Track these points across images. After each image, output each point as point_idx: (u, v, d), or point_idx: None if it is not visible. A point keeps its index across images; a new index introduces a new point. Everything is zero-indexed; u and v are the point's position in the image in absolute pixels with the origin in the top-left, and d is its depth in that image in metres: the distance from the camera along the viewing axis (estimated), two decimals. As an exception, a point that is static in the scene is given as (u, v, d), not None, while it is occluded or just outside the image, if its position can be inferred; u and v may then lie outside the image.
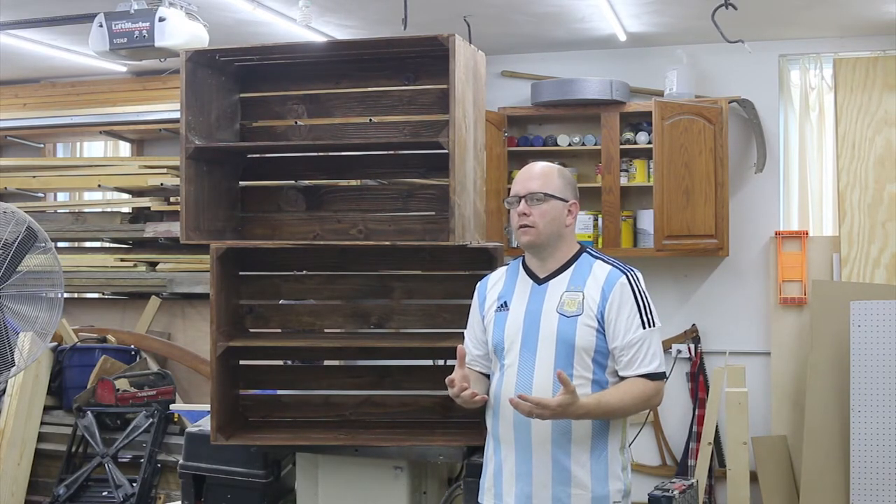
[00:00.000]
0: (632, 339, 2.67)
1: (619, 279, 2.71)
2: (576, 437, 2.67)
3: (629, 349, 2.67)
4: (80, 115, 6.28)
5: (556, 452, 2.67)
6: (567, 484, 2.67)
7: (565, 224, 2.77)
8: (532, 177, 2.76)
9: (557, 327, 2.69)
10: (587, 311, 2.68)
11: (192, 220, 3.37)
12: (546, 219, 2.73)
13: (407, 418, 3.63)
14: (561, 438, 2.66)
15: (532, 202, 2.73)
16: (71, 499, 5.19)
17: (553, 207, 2.74)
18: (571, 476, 2.67)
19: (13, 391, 5.31)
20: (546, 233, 2.74)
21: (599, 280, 2.71)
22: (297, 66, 3.66)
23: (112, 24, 4.43)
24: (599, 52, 5.95)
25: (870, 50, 5.60)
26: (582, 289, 2.71)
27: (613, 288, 2.69)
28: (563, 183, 2.78)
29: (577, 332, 2.67)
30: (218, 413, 3.41)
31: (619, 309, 2.68)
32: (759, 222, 5.79)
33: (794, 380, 5.62)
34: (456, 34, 3.18)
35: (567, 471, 2.67)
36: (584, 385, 2.66)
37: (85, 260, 6.18)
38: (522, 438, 2.70)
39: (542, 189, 2.73)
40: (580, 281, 2.73)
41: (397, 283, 3.63)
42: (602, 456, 2.69)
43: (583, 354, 2.67)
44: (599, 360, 2.69)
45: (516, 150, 5.92)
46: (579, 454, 2.67)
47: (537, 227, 2.72)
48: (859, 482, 4.84)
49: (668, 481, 4.75)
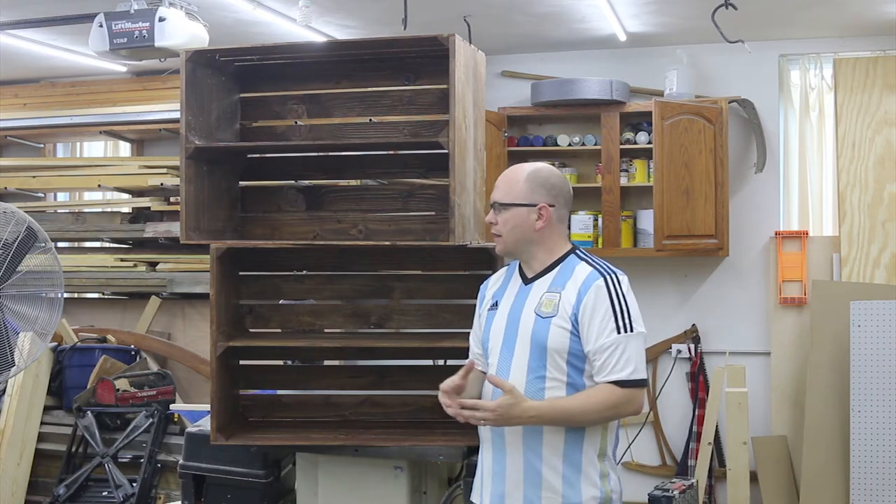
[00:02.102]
0: (604, 343, 2.59)
1: (596, 281, 2.64)
2: (547, 441, 2.63)
3: (601, 353, 2.60)
4: (80, 115, 6.28)
5: (527, 454, 2.65)
6: (538, 486, 2.64)
7: (534, 229, 2.72)
8: (498, 185, 2.77)
9: (532, 328, 2.67)
10: (562, 312, 2.64)
11: (192, 220, 3.37)
12: (508, 227, 2.72)
13: (407, 418, 3.63)
14: (532, 440, 2.64)
15: (497, 210, 2.74)
16: (71, 499, 5.19)
17: (515, 215, 2.71)
18: (542, 479, 2.64)
19: (13, 391, 5.31)
20: (511, 240, 2.74)
21: (578, 281, 2.67)
22: (297, 66, 3.66)
23: (112, 24, 4.43)
24: (599, 52, 5.95)
25: (870, 50, 5.60)
26: (561, 290, 2.68)
27: (589, 290, 2.63)
28: (528, 187, 2.72)
29: (549, 333, 2.64)
30: (218, 413, 3.41)
31: (592, 312, 2.62)
32: (759, 222, 5.80)
33: (794, 380, 5.62)
34: (456, 34, 3.18)
35: (538, 473, 2.64)
36: (559, 387, 2.63)
37: (85, 260, 6.18)
38: (497, 438, 2.70)
39: (502, 199, 2.73)
40: (561, 282, 2.70)
41: (397, 283, 3.63)
42: (575, 461, 2.64)
43: (555, 356, 2.63)
44: (574, 363, 2.64)
45: (516, 150, 5.92)
46: (551, 458, 2.63)
47: (502, 235, 2.74)
48: (859, 482, 4.84)
49: (668, 481, 4.75)
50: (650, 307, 5.92)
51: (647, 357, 5.90)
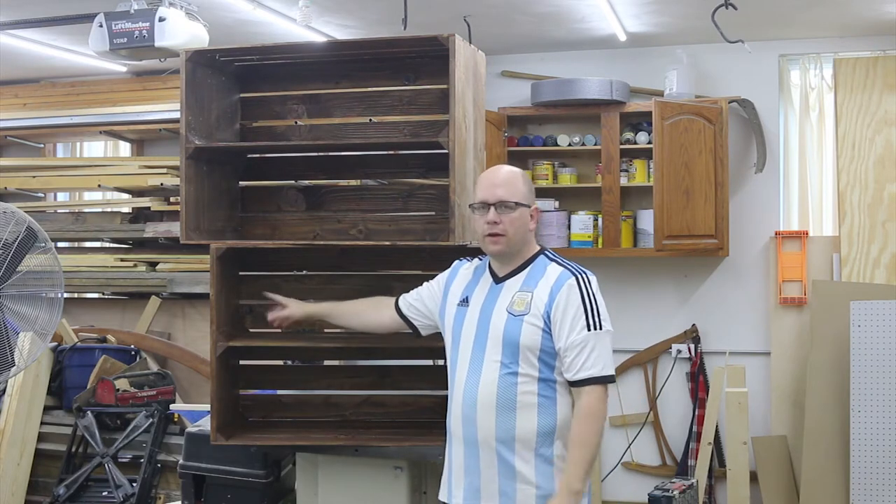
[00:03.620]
0: (575, 339, 2.67)
1: (568, 280, 2.72)
2: (520, 435, 2.70)
3: (572, 350, 2.68)
4: (80, 115, 6.28)
5: (500, 448, 2.71)
6: (513, 479, 2.70)
7: (529, 229, 2.81)
8: (499, 183, 2.78)
9: (504, 326, 2.73)
10: (534, 310, 2.71)
11: (192, 220, 3.37)
12: (515, 226, 2.77)
13: (407, 418, 3.63)
14: (505, 435, 2.70)
15: (502, 210, 2.75)
16: (71, 499, 5.19)
17: (521, 215, 2.78)
18: (516, 472, 2.70)
19: (13, 391, 5.31)
20: (515, 240, 2.78)
21: (550, 281, 2.74)
22: (297, 66, 3.66)
23: (112, 24, 4.44)
24: (599, 52, 5.95)
25: (870, 50, 5.60)
26: (532, 289, 2.74)
27: (561, 288, 2.71)
28: (527, 189, 2.81)
29: (521, 330, 2.70)
30: (218, 413, 3.41)
31: (564, 309, 2.69)
32: (759, 222, 5.79)
33: (794, 380, 5.62)
34: (456, 34, 3.18)
35: (512, 467, 2.70)
36: (530, 382, 2.70)
37: (85, 260, 6.18)
38: (469, 434, 2.75)
39: (511, 197, 2.76)
40: (533, 282, 2.76)
41: (397, 283, 3.62)
42: (548, 454, 2.71)
43: (527, 353, 2.70)
44: (546, 360, 2.71)
45: (516, 150, 5.92)
46: (523, 451, 2.70)
47: (507, 235, 2.76)
48: (859, 482, 4.84)
49: (668, 481, 4.76)
50: (650, 307, 5.94)
51: (647, 357, 5.95)
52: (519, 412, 2.70)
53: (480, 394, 2.73)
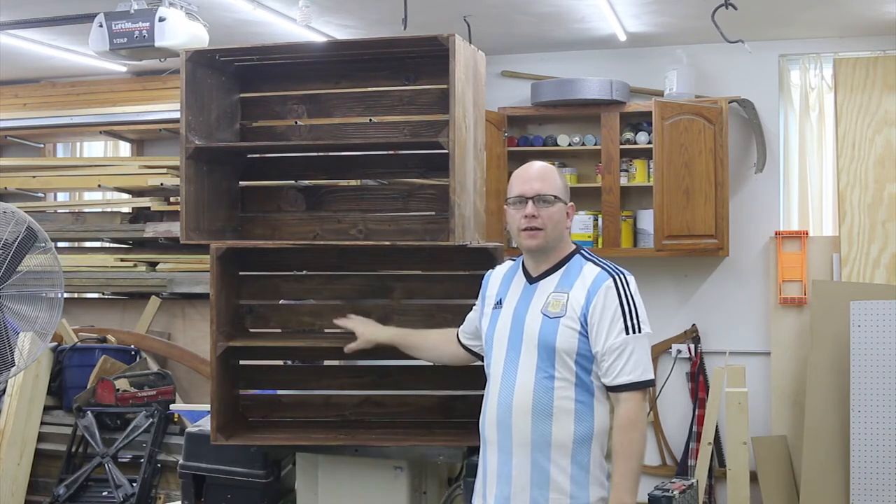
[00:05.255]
0: (613, 343, 2.60)
1: (606, 281, 2.65)
2: (556, 441, 2.62)
3: (610, 354, 2.60)
4: (80, 115, 6.28)
5: (535, 455, 2.63)
6: (545, 488, 2.63)
7: (566, 226, 2.75)
8: (536, 177, 2.72)
9: (540, 328, 2.65)
10: (570, 312, 2.63)
11: (192, 220, 3.37)
12: (553, 221, 2.70)
13: (407, 418, 3.63)
14: (541, 441, 2.63)
15: (540, 204, 2.69)
16: (71, 499, 5.19)
17: (559, 210, 2.72)
18: (550, 479, 2.62)
19: (13, 391, 5.31)
20: (553, 235, 2.71)
21: (587, 282, 2.66)
22: (297, 66, 3.66)
23: (112, 24, 4.44)
24: (599, 52, 5.95)
25: (870, 50, 5.61)
26: (568, 290, 2.67)
27: (598, 290, 2.64)
28: (563, 184, 2.77)
29: (558, 333, 2.63)
30: (218, 413, 3.40)
31: (602, 312, 2.61)
32: (759, 222, 5.80)
33: (794, 380, 5.62)
34: (456, 34, 3.18)
35: (546, 474, 2.62)
36: (568, 387, 2.63)
37: (85, 260, 6.18)
38: (504, 440, 2.68)
39: (550, 191, 2.70)
40: (569, 282, 2.69)
41: (397, 283, 3.62)
42: (584, 462, 2.63)
43: (564, 356, 2.63)
44: (582, 363, 2.64)
45: (516, 150, 5.92)
46: (559, 458, 2.62)
47: (546, 229, 2.69)
48: (859, 482, 4.84)
49: (668, 481, 4.75)
50: (650, 307, 5.84)
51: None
52: (555, 418, 2.61)
53: (516, 399, 2.65)
